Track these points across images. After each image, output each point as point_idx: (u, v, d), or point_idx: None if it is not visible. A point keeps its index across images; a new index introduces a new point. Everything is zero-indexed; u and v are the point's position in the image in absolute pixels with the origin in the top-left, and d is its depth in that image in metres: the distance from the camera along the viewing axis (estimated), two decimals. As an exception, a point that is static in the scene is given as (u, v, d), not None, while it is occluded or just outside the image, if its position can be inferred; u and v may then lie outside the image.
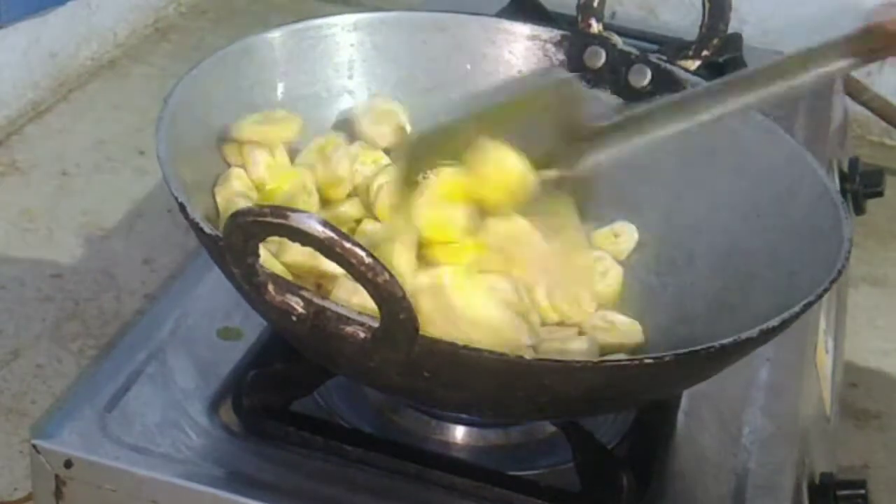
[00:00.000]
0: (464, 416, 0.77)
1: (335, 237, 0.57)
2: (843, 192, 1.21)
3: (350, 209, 0.82)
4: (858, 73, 1.87)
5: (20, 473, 1.16)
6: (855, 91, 1.74)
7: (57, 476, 0.73)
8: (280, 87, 0.85)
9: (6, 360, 1.30)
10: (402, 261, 0.72)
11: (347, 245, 0.57)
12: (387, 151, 0.85)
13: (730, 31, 0.94)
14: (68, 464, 0.72)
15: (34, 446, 0.73)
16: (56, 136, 1.71)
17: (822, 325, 1.00)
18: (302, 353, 0.70)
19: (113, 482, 0.72)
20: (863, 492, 0.81)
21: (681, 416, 0.80)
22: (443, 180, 0.76)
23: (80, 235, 1.50)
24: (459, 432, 0.78)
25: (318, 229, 0.57)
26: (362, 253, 0.58)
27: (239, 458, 0.73)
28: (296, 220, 0.58)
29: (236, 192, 0.78)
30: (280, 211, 0.58)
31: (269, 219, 0.58)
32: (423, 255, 0.75)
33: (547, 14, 1.33)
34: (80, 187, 1.60)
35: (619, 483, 0.73)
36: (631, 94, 0.89)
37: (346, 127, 0.87)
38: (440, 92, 0.90)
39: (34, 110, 1.75)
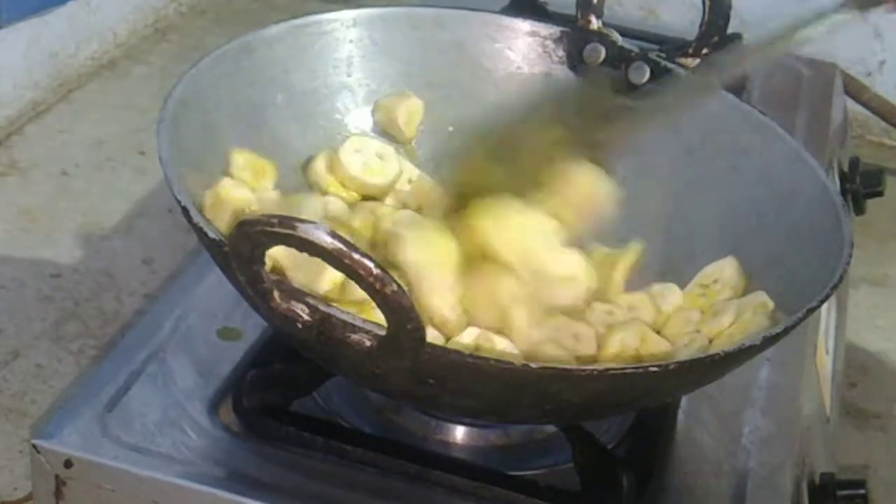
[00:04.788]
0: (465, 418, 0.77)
1: (343, 248, 0.57)
2: (843, 192, 1.21)
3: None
4: (858, 73, 1.87)
5: (20, 473, 1.16)
6: (855, 91, 1.74)
7: (57, 476, 0.73)
8: (279, 85, 0.85)
9: (6, 360, 1.30)
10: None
11: (356, 256, 0.57)
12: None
13: (730, 30, 0.94)
14: (68, 464, 0.72)
15: (34, 446, 0.72)
16: (56, 136, 1.71)
17: (823, 325, 1.00)
18: (306, 356, 0.70)
19: (113, 482, 0.72)
20: (863, 492, 0.81)
21: (681, 416, 0.80)
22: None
23: (80, 235, 1.50)
24: (459, 432, 0.78)
25: (327, 240, 0.57)
26: (370, 264, 0.57)
27: (239, 458, 0.73)
28: (304, 231, 0.57)
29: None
30: (288, 221, 0.57)
31: (277, 228, 0.57)
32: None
33: (548, 14, 1.32)
34: (79, 187, 1.60)
35: (619, 483, 0.73)
36: (630, 91, 0.89)
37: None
38: (439, 89, 0.90)
39: (34, 110, 1.75)
